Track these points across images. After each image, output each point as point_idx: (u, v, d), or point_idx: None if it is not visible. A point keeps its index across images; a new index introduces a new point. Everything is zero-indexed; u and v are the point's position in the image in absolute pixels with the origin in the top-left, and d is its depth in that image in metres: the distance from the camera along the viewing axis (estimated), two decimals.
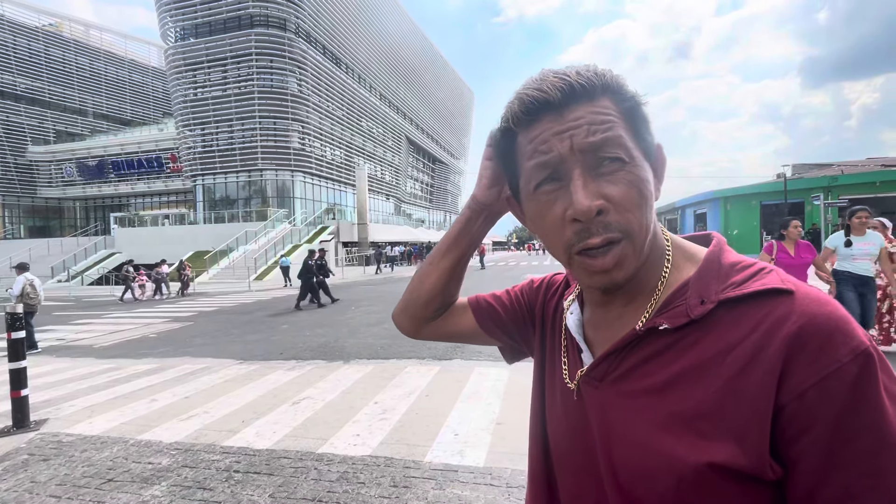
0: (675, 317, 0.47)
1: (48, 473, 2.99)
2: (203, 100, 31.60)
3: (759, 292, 0.45)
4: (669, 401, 0.45)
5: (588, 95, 0.46)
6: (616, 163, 0.45)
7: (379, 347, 6.54)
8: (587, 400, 0.53)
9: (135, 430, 3.70)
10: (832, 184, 22.46)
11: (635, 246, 0.46)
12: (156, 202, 39.76)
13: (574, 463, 0.54)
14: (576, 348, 0.57)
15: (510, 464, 2.84)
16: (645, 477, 0.45)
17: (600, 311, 0.56)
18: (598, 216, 0.45)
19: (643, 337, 0.49)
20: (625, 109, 0.47)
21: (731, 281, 0.47)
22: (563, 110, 0.46)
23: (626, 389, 0.49)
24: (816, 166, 31.07)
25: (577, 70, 0.47)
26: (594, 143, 0.45)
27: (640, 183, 0.46)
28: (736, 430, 0.41)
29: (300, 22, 31.39)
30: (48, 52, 39.78)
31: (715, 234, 0.55)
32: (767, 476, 0.41)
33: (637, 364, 0.49)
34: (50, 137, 40.33)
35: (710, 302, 0.46)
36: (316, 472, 2.84)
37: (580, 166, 0.46)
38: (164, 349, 7.19)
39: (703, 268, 0.50)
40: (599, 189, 0.45)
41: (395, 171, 48.97)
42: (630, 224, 0.46)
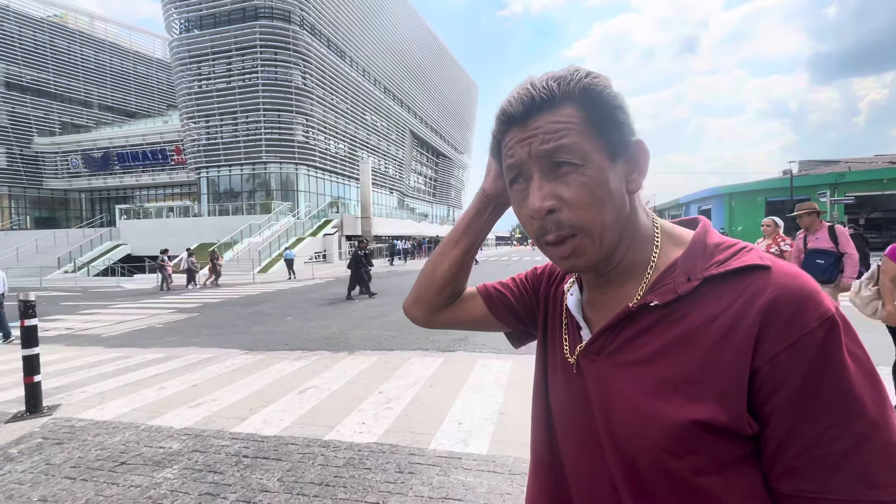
0: (664, 294, 0.52)
1: (62, 456, 3.07)
2: (207, 92, 31.60)
3: (740, 269, 0.50)
4: (659, 368, 0.51)
5: (548, 106, 0.51)
6: (568, 166, 0.51)
7: (383, 339, 6.60)
8: (586, 373, 0.58)
9: (145, 416, 3.78)
10: (839, 180, 22.30)
11: (593, 239, 0.52)
12: (160, 194, 39.90)
13: (576, 431, 0.59)
14: (575, 326, 0.63)
15: (513, 452, 2.90)
16: (638, 436, 0.50)
17: (597, 292, 0.61)
18: (550, 214, 0.52)
19: (636, 313, 0.54)
20: (588, 116, 0.51)
21: (715, 259, 0.52)
22: (527, 120, 0.53)
23: (620, 361, 0.54)
24: (823, 163, 30.82)
25: (546, 80, 0.52)
26: (547, 150, 0.51)
27: (593, 184, 0.51)
28: (717, 392, 0.47)
29: (305, 14, 31.27)
30: (53, 44, 39.82)
31: (701, 218, 0.60)
32: (745, 431, 0.46)
33: (631, 338, 0.54)
34: (55, 129, 40.47)
35: (696, 279, 0.52)
36: (323, 458, 2.91)
37: (538, 170, 0.53)
38: (171, 339, 7.28)
39: (689, 248, 0.55)
40: (553, 190, 0.52)
41: (398, 164, 48.91)
42: (583, 221, 0.51)
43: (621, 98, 0.53)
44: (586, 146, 0.51)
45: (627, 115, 0.53)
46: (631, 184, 0.55)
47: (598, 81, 0.52)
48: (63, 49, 40.46)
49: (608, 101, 0.52)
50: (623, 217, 0.54)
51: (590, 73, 0.53)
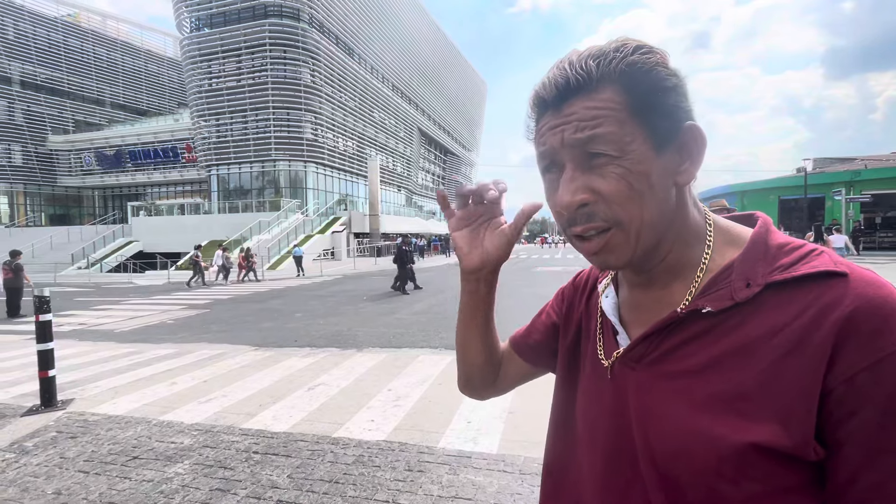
0: (718, 299, 0.47)
1: (76, 450, 3.11)
2: (218, 90, 31.86)
3: (810, 275, 0.44)
4: (710, 382, 0.45)
5: (585, 88, 0.46)
6: (604, 157, 0.46)
7: (391, 336, 6.61)
8: (623, 381, 0.53)
9: (157, 411, 3.82)
10: (855, 178, 21.86)
11: (627, 234, 0.47)
12: (171, 191, 40.38)
13: (606, 443, 0.54)
14: (611, 330, 0.58)
15: (523, 451, 2.88)
16: (684, 455, 0.45)
17: (637, 292, 0.56)
18: (582, 208, 0.47)
19: (684, 319, 0.48)
20: (630, 99, 0.46)
21: (779, 263, 0.46)
22: (561, 105, 0.47)
23: (664, 371, 0.49)
24: (839, 160, 30.27)
25: (585, 58, 0.47)
26: (580, 139, 0.46)
27: (632, 176, 0.46)
28: (780, 412, 0.41)
29: (313, 12, 31.36)
30: (67, 43, 40.39)
31: (760, 215, 0.54)
32: (809, 457, 0.41)
33: (677, 346, 0.49)
34: (69, 127, 41.09)
35: (757, 285, 0.46)
36: (332, 455, 2.91)
37: (570, 160, 0.48)
38: (182, 335, 7.35)
39: (748, 249, 0.49)
40: (587, 183, 0.47)
41: (406, 162, 48.95)
42: (619, 215, 0.47)
43: (677, 76, 0.47)
44: (626, 135, 0.45)
45: (682, 97, 0.47)
46: (681, 175, 0.49)
47: (647, 58, 0.46)
48: (76, 48, 41.04)
49: (657, 82, 0.46)
50: (667, 213, 0.49)
51: (640, 46, 0.46)
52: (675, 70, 0.47)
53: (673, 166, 0.48)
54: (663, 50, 0.48)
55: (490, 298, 0.69)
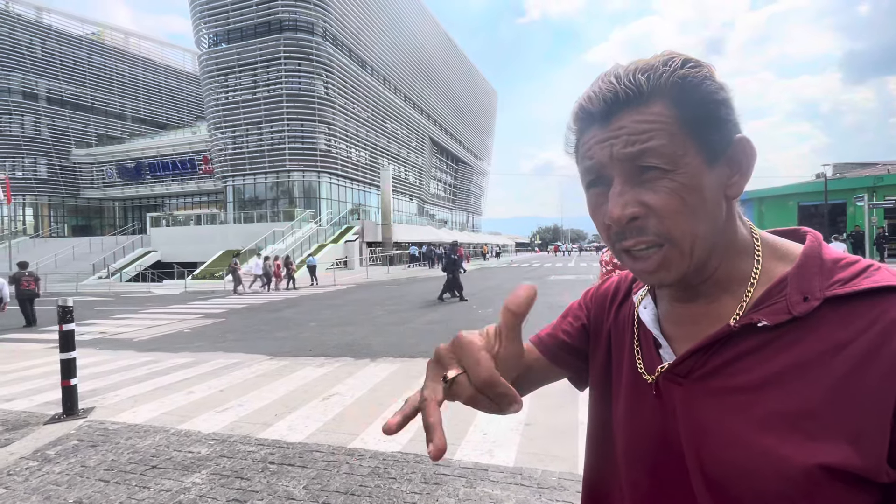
0: (774, 313, 0.45)
1: (97, 459, 3.15)
2: (234, 103, 32.59)
3: (872, 290, 0.43)
4: (769, 399, 0.44)
5: (635, 102, 0.46)
6: (656, 171, 0.45)
7: (406, 346, 6.60)
8: (669, 396, 0.51)
9: (175, 420, 3.85)
10: (877, 184, 21.32)
11: (682, 250, 0.46)
12: (189, 202, 41.24)
13: (652, 462, 0.52)
14: (652, 344, 0.56)
15: (540, 464, 2.83)
16: (745, 476, 0.44)
17: (679, 306, 0.54)
18: (632, 222, 0.46)
19: (737, 333, 0.47)
20: (681, 113, 0.45)
21: (838, 278, 0.45)
22: (609, 118, 0.47)
23: (716, 387, 0.47)
24: (860, 165, 29.57)
25: (634, 72, 0.46)
26: (631, 153, 0.45)
27: (685, 191, 0.45)
28: (850, 431, 0.40)
29: (327, 26, 31.99)
30: (91, 60, 41.83)
31: (808, 230, 0.53)
32: (881, 479, 0.40)
33: (729, 361, 0.47)
34: (92, 140, 42.37)
35: (815, 299, 0.44)
36: (348, 467, 2.90)
37: (620, 174, 0.47)
38: (199, 344, 7.45)
39: (802, 263, 0.48)
40: (638, 197, 0.46)
41: (418, 171, 49.26)
42: (671, 231, 0.46)
43: (725, 90, 0.46)
44: (678, 149, 0.45)
45: (731, 110, 0.47)
46: (731, 188, 0.48)
47: (696, 72, 0.45)
48: (100, 65, 42.46)
49: (707, 95, 0.45)
50: (718, 227, 0.48)
51: (688, 61, 0.46)
52: (722, 83, 0.47)
53: (723, 179, 0.48)
54: (710, 64, 0.47)
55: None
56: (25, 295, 10.07)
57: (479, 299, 12.21)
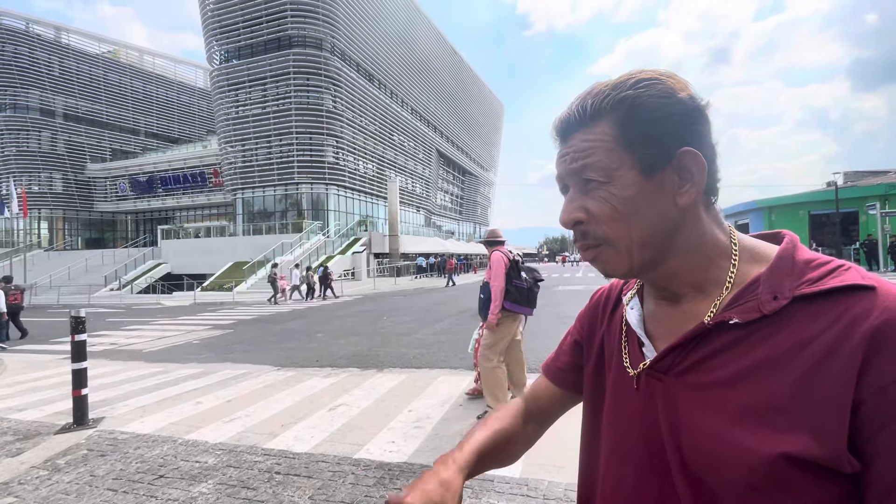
0: (746, 311, 0.48)
1: (105, 468, 3.18)
2: (244, 117, 33.20)
3: (839, 288, 0.45)
4: (740, 393, 0.46)
5: (582, 123, 0.53)
6: (594, 183, 0.52)
7: (412, 357, 6.59)
8: (651, 392, 0.53)
9: (183, 430, 3.88)
10: (889, 192, 21.01)
11: (618, 250, 0.52)
12: (199, 215, 41.79)
13: (637, 456, 0.54)
14: (636, 342, 0.58)
15: (546, 475, 2.80)
16: (717, 467, 0.46)
17: (664, 304, 0.57)
18: (578, 226, 0.54)
19: (711, 331, 0.50)
20: (619, 132, 0.51)
21: (807, 277, 0.48)
22: (567, 137, 0.55)
23: (692, 382, 0.50)
24: (871, 173, 29.21)
25: (584, 97, 0.53)
26: (575, 168, 0.53)
27: (616, 200, 0.51)
28: (812, 423, 0.42)
29: (336, 41, 32.61)
30: (107, 77, 42.96)
31: (787, 233, 0.56)
32: (844, 469, 0.42)
33: (704, 357, 0.50)
34: (106, 155, 43.30)
35: (784, 298, 0.47)
36: (353, 477, 2.89)
37: (573, 184, 0.55)
38: (207, 355, 7.50)
39: (775, 264, 0.50)
40: (583, 203, 0.53)
41: (425, 183, 49.56)
42: (606, 233, 0.52)
43: (681, 104, 0.49)
44: (613, 163, 0.51)
45: (681, 124, 0.49)
46: (681, 197, 0.51)
47: (642, 91, 0.49)
48: (115, 82, 43.59)
49: (648, 113, 0.49)
50: (661, 232, 0.51)
51: (641, 81, 0.50)
52: (681, 99, 0.49)
53: (670, 188, 0.51)
54: (677, 81, 0.50)
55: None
56: (13, 308, 10.35)
57: None
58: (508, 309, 3.89)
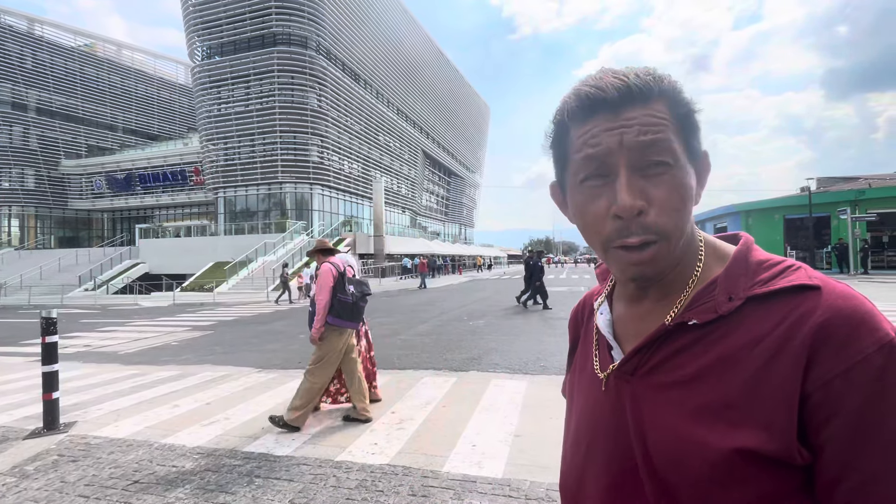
0: (703, 313, 0.49)
1: (77, 474, 3.07)
2: (226, 115, 32.63)
3: (787, 288, 0.47)
4: (699, 392, 0.48)
5: (644, 98, 0.48)
6: (662, 166, 0.48)
7: (395, 358, 6.56)
8: (619, 394, 0.54)
9: (159, 434, 3.78)
10: (860, 197, 21.81)
11: (670, 247, 0.49)
12: (179, 214, 40.91)
13: (608, 457, 0.54)
14: (605, 346, 0.59)
15: (529, 476, 2.82)
16: (678, 464, 0.47)
17: (632, 306, 0.58)
18: (638, 216, 0.47)
19: (672, 332, 0.51)
20: (678, 115, 0.49)
21: (759, 278, 0.49)
22: (619, 109, 0.48)
23: (656, 382, 0.51)
24: (843, 179, 30.25)
25: (637, 72, 0.49)
26: (644, 142, 0.47)
27: (683, 188, 0.48)
28: (763, 418, 0.44)
29: (321, 40, 32.33)
30: (83, 71, 41.73)
31: (743, 234, 0.57)
32: (796, 461, 0.43)
33: (666, 358, 0.51)
34: (82, 151, 42.04)
35: (738, 298, 0.49)
36: (335, 480, 2.86)
37: (626, 164, 0.47)
38: (186, 356, 7.33)
39: (730, 266, 0.52)
40: (643, 189, 0.48)
41: (411, 184, 49.46)
42: (667, 226, 0.48)
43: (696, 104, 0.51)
44: (678, 146, 0.49)
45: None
46: (697, 195, 0.52)
47: (677, 83, 0.50)
48: (91, 76, 42.36)
49: (690, 104, 0.50)
50: (691, 229, 0.52)
51: (668, 74, 0.51)
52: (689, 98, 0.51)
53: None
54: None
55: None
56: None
57: (470, 311, 12.19)
58: (332, 324, 3.80)
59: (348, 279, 3.92)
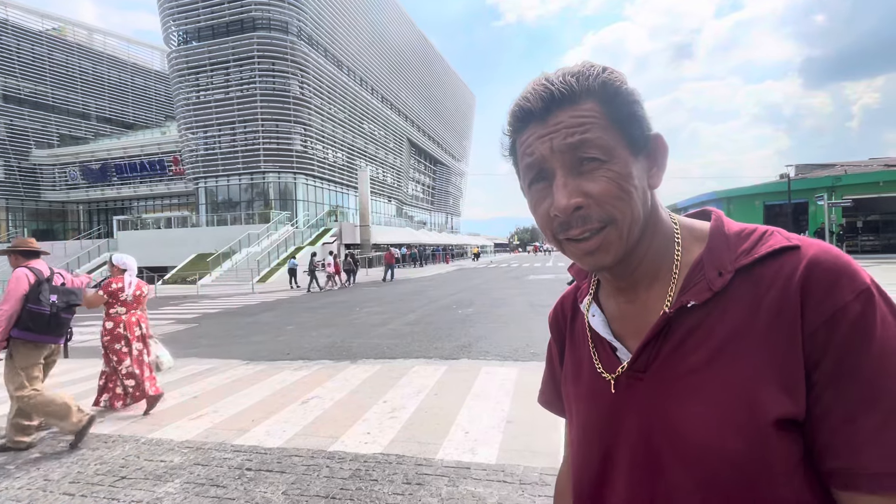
0: (699, 292, 0.50)
1: (61, 472, 3.00)
2: (206, 103, 31.73)
3: (769, 254, 0.49)
4: (719, 372, 0.47)
5: (569, 100, 0.50)
6: (594, 161, 0.49)
7: (385, 347, 6.54)
8: (635, 394, 0.53)
9: (145, 430, 3.71)
10: (836, 184, 22.42)
11: (620, 231, 0.50)
12: (158, 205, 39.88)
13: (629, 459, 0.53)
14: (607, 347, 0.58)
15: (522, 461, 2.84)
16: (716, 451, 0.46)
17: (623, 301, 0.58)
18: (577, 211, 0.50)
19: (674, 318, 0.51)
20: (609, 110, 0.50)
21: (741, 249, 0.51)
22: (546, 116, 0.51)
23: (672, 373, 0.50)
24: (819, 166, 31.02)
25: (563, 75, 0.51)
26: (571, 143, 0.49)
27: (620, 178, 0.49)
28: (785, 383, 0.44)
29: (302, 25, 31.53)
30: (52, 57, 40.01)
31: (712, 209, 0.58)
32: (802, 418, 0.44)
33: (676, 346, 0.50)
34: (54, 141, 40.52)
35: (728, 272, 0.50)
36: (328, 470, 2.84)
37: (561, 166, 0.50)
38: (170, 350, 7.17)
39: (710, 242, 0.53)
40: (579, 187, 0.50)
41: (396, 173, 49.05)
42: (612, 214, 0.50)
43: (638, 93, 0.52)
44: (611, 140, 0.49)
45: (644, 110, 0.52)
46: (651, 178, 0.53)
47: (615, 76, 0.51)
48: (61, 62, 40.65)
49: (627, 96, 0.51)
50: (646, 213, 0.53)
51: (606, 67, 0.52)
52: (634, 88, 0.53)
53: (646, 170, 0.53)
54: (621, 71, 0.53)
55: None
56: None
57: (459, 300, 12.22)
58: (17, 337, 3.32)
59: (53, 287, 3.46)
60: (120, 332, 4.23)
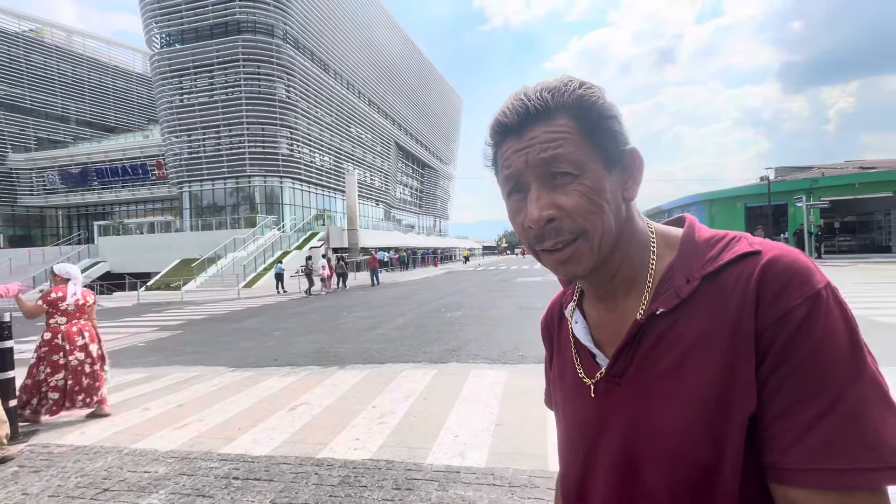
0: (668, 300, 0.52)
1: (40, 485, 2.92)
2: (189, 106, 31.31)
3: (732, 260, 0.51)
4: (690, 376, 0.49)
5: (544, 116, 0.52)
6: (567, 176, 0.51)
7: (374, 352, 6.51)
8: (613, 398, 0.55)
9: (128, 440, 3.63)
10: (814, 186, 23.00)
11: (591, 243, 0.52)
12: (141, 210, 39.14)
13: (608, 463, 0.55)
14: (587, 353, 0.60)
15: (511, 463, 2.85)
16: (688, 455, 0.48)
17: (602, 309, 0.60)
18: (549, 224, 0.52)
19: (646, 325, 0.53)
20: (582, 126, 0.52)
21: (708, 256, 0.52)
22: (522, 131, 0.53)
23: (646, 378, 0.52)
24: (798, 169, 31.82)
25: (540, 91, 0.53)
26: (544, 158, 0.51)
27: (591, 193, 0.51)
28: (747, 385, 0.46)
29: (288, 28, 31.35)
30: (29, 58, 39.11)
31: (686, 216, 0.60)
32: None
33: (648, 352, 0.53)
34: (31, 145, 39.52)
35: (695, 279, 0.51)
36: (317, 477, 2.82)
37: (535, 180, 0.52)
38: (154, 358, 7.06)
39: (681, 250, 0.55)
40: (552, 200, 0.52)
41: (384, 176, 48.94)
42: (583, 226, 0.51)
43: (615, 108, 0.54)
44: (583, 156, 0.51)
45: (621, 125, 0.54)
46: (626, 192, 0.55)
47: (591, 92, 0.53)
48: (38, 64, 39.75)
49: (602, 111, 0.53)
50: (619, 224, 0.54)
51: (583, 83, 0.53)
52: (612, 103, 0.54)
53: (620, 184, 0.55)
54: (600, 86, 0.55)
55: None
56: None
57: (447, 303, 12.22)
58: None
59: None
60: (58, 343, 4.14)
